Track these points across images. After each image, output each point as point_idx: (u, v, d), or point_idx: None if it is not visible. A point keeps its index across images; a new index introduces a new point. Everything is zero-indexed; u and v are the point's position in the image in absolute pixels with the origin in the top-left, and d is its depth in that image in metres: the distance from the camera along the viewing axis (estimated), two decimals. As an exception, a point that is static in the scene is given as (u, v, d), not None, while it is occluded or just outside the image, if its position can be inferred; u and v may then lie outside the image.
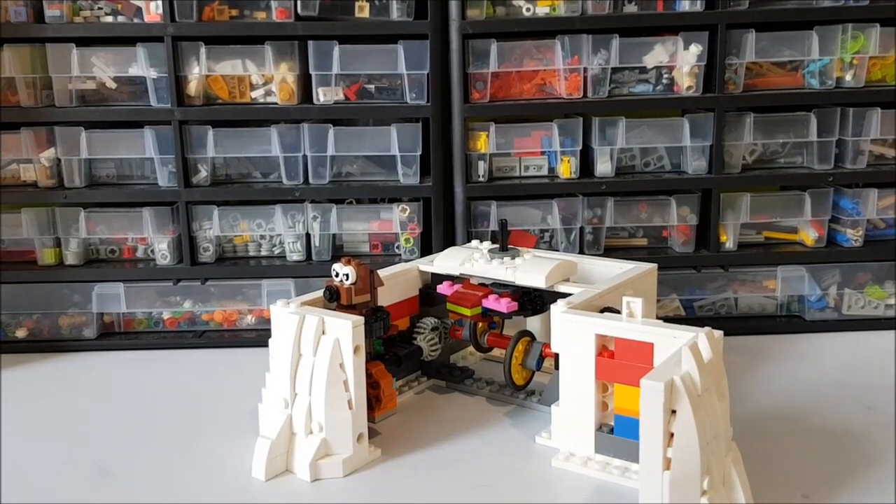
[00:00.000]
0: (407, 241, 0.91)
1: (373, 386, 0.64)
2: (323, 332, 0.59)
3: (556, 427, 0.61)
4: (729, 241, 0.90)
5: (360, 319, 0.59)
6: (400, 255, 0.92)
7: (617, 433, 0.56)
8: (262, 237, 0.92)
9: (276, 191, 0.90)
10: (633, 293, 0.64)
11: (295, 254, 0.91)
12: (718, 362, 0.51)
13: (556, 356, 0.60)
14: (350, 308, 0.62)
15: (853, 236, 0.89)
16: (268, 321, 0.91)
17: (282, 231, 0.91)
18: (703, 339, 0.51)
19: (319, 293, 0.65)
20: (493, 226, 0.90)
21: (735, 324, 0.90)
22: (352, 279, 0.62)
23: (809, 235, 0.91)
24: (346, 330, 0.58)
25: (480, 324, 0.74)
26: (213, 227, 0.90)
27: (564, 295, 0.64)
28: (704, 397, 0.48)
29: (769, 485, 0.55)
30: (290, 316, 0.60)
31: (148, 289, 0.90)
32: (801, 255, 0.90)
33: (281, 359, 0.59)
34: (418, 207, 0.90)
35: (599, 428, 0.57)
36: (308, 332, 0.59)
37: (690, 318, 0.91)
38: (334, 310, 0.62)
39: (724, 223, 0.90)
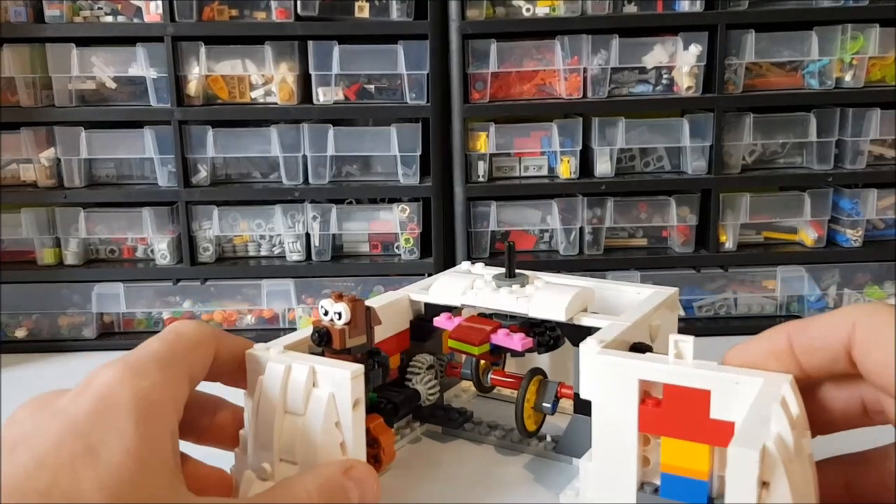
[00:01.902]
0: (407, 241, 0.91)
1: (370, 444, 0.54)
2: (314, 385, 0.48)
3: (587, 485, 0.51)
4: (728, 241, 0.90)
5: (360, 368, 0.48)
6: (400, 255, 0.92)
7: (664, 494, 0.47)
8: (262, 237, 0.92)
9: (276, 191, 0.90)
10: (661, 324, 0.58)
11: (295, 254, 0.91)
12: (804, 416, 0.43)
13: (576, 398, 0.52)
14: (344, 353, 0.52)
15: (853, 236, 0.89)
16: (267, 321, 0.91)
17: (281, 231, 0.91)
18: (789, 390, 0.42)
19: (305, 333, 0.54)
20: (493, 226, 0.90)
21: (734, 324, 0.90)
22: (345, 318, 0.51)
23: (809, 236, 0.91)
24: (343, 382, 0.47)
25: (483, 361, 0.65)
26: (212, 227, 0.90)
27: (582, 328, 0.55)
28: (796, 463, 0.40)
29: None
30: (273, 365, 0.49)
31: (147, 289, 0.90)
32: (801, 256, 0.90)
33: (262, 418, 0.49)
34: (418, 207, 0.90)
35: (641, 487, 0.48)
36: (296, 385, 0.48)
37: (690, 317, 0.91)
38: (322, 355, 0.52)
39: (723, 223, 0.90)
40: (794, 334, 0.44)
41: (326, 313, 0.52)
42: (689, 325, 0.90)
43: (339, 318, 0.52)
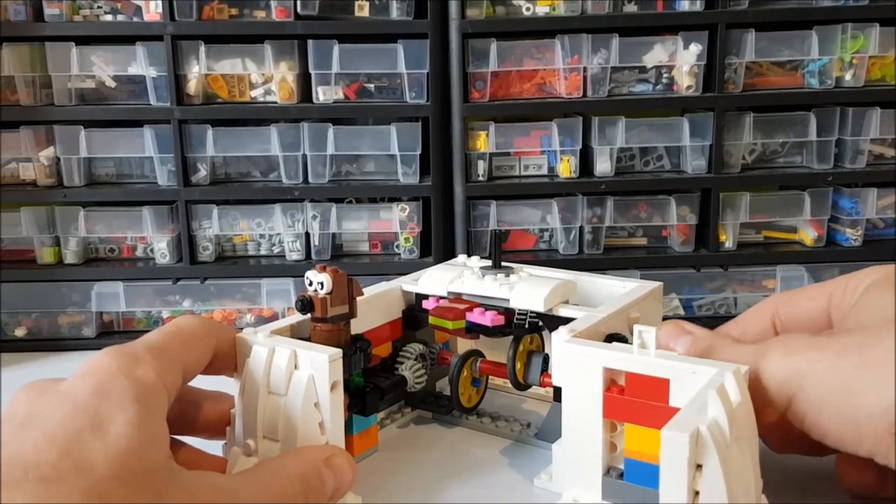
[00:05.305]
0: (407, 240, 0.91)
1: None
2: (295, 367, 0.51)
3: (558, 469, 0.55)
4: (728, 240, 0.90)
5: (338, 352, 0.51)
6: (399, 254, 0.92)
7: (627, 479, 0.49)
8: (262, 236, 0.92)
9: (276, 190, 0.90)
10: (639, 316, 0.60)
11: (294, 253, 0.91)
12: (747, 405, 0.44)
13: (555, 386, 0.54)
14: (325, 321, 0.55)
15: (852, 236, 0.89)
16: (267, 320, 0.91)
17: (281, 230, 0.91)
18: (731, 378, 0.44)
19: (292, 320, 0.57)
20: (493, 225, 0.90)
21: (734, 323, 0.90)
22: (327, 288, 0.54)
23: (809, 235, 0.91)
24: (322, 364, 0.50)
25: (466, 370, 0.66)
26: (212, 226, 0.90)
27: (561, 318, 0.58)
28: (734, 448, 0.42)
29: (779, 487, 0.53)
30: (258, 348, 0.52)
31: (147, 288, 0.90)
32: (801, 255, 0.90)
33: (247, 398, 0.52)
34: (418, 207, 0.90)
35: (607, 472, 0.51)
36: (278, 367, 0.51)
37: (690, 317, 0.91)
38: (311, 321, 0.55)
39: (723, 223, 0.90)
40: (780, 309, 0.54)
41: (311, 283, 0.55)
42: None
43: (322, 287, 0.55)
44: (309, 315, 0.55)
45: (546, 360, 0.61)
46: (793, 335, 0.49)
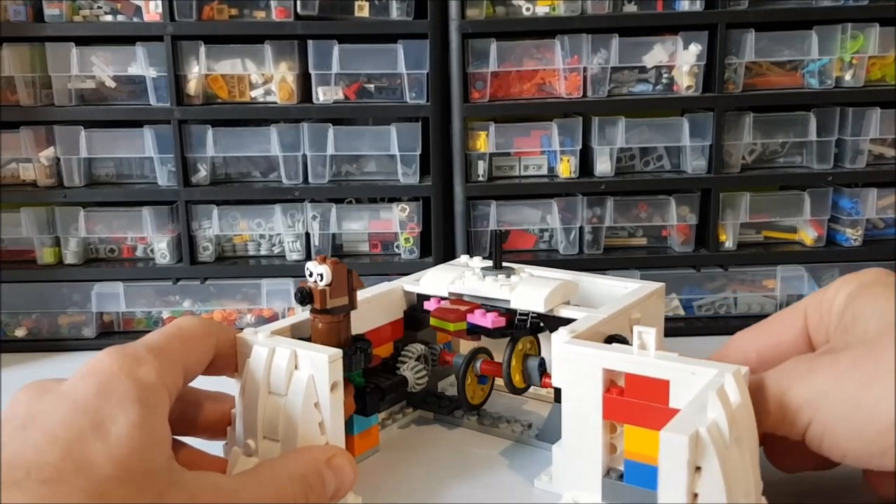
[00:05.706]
0: (407, 240, 0.91)
1: None
2: (296, 367, 0.51)
3: (558, 470, 0.55)
4: (728, 240, 0.90)
5: (338, 353, 0.51)
6: (399, 254, 0.92)
7: (627, 480, 0.49)
8: (262, 236, 0.92)
9: (276, 190, 0.90)
10: (641, 317, 0.60)
11: (294, 253, 0.91)
12: (747, 406, 0.44)
13: (555, 387, 0.54)
14: (325, 313, 0.54)
15: (852, 236, 0.89)
16: (268, 320, 0.91)
17: (281, 230, 0.91)
18: (731, 380, 0.44)
19: (292, 320, 0.57)
20: (493, 226, 0.90)
21: (734, 323, 0.89)
22: (327, 280, 0.54)
23: (809, 235, 0.91)
24: (322, 365, 0.50)
25: (471, 376, 0.66)
26: (212, 226, 0.90)
27: (562, 319, 0.58)
28: (733, 450, 0.42)
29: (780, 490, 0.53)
30: (258, 348, 0.52)
31: (147, 288, 0.90)
32: (801, 255, 0.91)
33: (248, 398, 0.52)
34: (418, 207, 0.90)
35: (607, 473, 0.51)
36: (278, 368, 0.51)
37: (690, 316, 0.91)
38: (310, 313, 0.55)
39: (723, 223, 0.90)
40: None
41: (311, 274, 0.55)
42: (690, 325, 0.90)
43: (322, 279, 0.54)
44: (308, 308, 0.55)
45: (542, 363, 0.61)
46: (792, 363, 0.48)
